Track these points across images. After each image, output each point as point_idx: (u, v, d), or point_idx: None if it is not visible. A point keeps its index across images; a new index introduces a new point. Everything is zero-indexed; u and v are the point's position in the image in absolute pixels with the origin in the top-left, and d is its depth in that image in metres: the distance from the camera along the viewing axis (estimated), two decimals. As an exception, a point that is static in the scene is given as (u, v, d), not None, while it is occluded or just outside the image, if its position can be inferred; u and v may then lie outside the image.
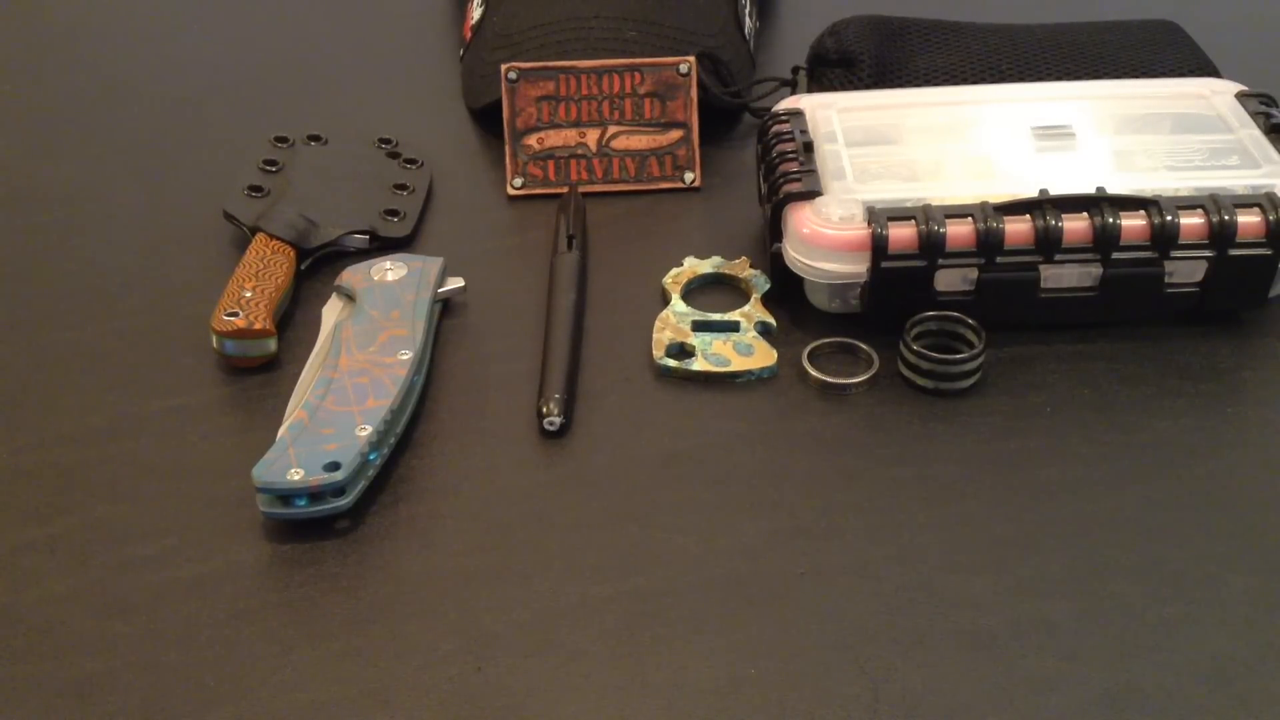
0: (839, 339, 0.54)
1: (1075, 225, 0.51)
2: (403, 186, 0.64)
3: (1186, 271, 0.52)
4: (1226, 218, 0.51)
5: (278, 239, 0.58)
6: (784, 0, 0.83)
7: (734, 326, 0.55)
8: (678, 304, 0.56)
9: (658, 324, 0.55)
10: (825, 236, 0.52)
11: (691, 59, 0.65)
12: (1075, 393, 0.51)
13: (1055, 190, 0.52)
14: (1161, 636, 0.42)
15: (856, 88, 0.65)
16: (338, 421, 0.47)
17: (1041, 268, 0.52)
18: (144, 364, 0.55)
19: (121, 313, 0.58)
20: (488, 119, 0.69)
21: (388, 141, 0.67)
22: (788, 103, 0.61)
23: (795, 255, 0.53)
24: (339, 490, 0.46)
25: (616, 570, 0.45)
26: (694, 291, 0.57)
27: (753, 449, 0.50)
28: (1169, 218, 0.51)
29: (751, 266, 0.58)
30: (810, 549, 0.45)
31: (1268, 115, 0.57)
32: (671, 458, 0.49)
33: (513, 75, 0.64)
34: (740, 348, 0.53)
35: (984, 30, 0.69)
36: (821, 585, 0.44)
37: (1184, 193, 0.52)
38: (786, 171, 0.55)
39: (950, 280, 0.52)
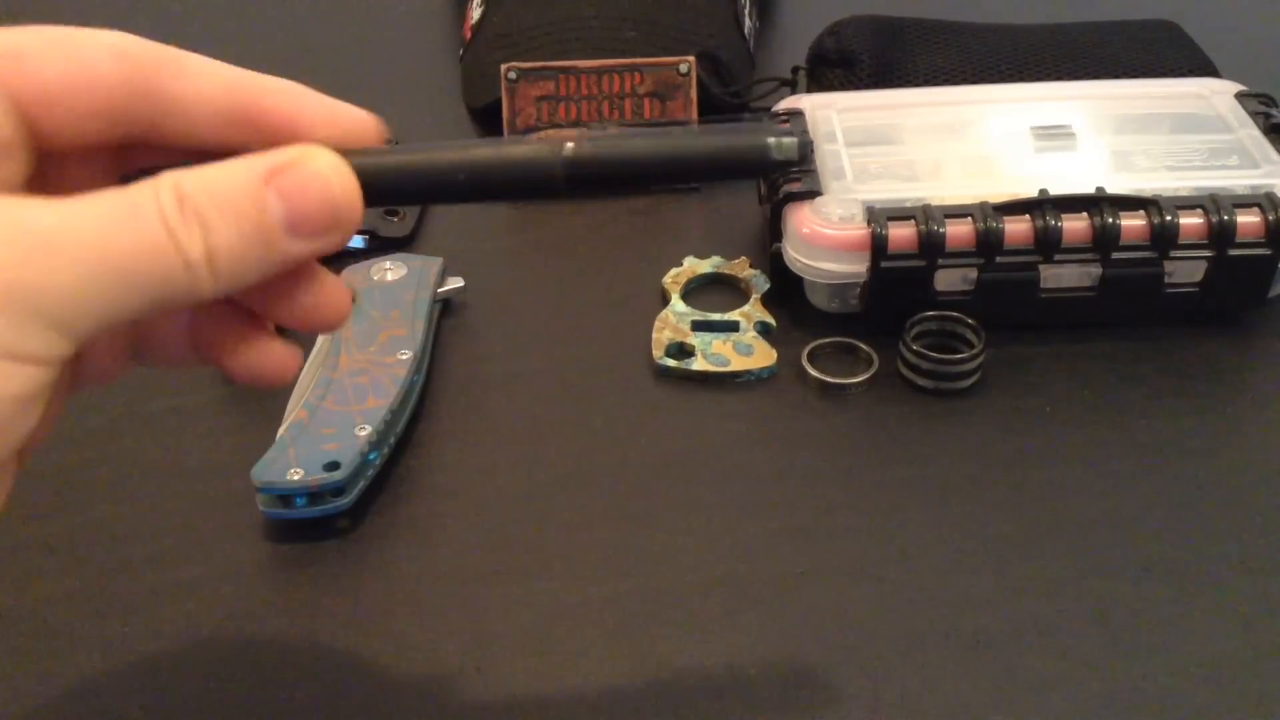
0: (839, 339, 0.54)
1: (1075, 225, 0.51)
2: (403, 186, 0.64)
3: (1186, 271, 0.52)
4: (1226, 218, 0.51)
5: (278, 239, 0.58)
6: (784, 0, 0.83)
7: (734, 326, 0.55)
8: (677, 304, 0.56)
9: (657, 324, 0.55)
10: (825, 236, 0.52)
11: (691, 59, 0.65)
12: (1075, 393, 0.51)
13: (1055, 190, 0.52)
14: (1161, 636, 0.42)
15: (856, 88, 0.65)
16: (338, 421, 0.47)
17: (1041, 268, 0.52)
18: (144, 364, 0.55)
19: (121, 313, 0.58)
20: (488, 119, 0.69)
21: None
22: (788, 103, 0.61)
23: (795, 255, 0.53)
24: (339, 490, 0.46)
25: (616, 570, 0.45)
26: (694, 291, 0.57)
27: (752, 449, 0.50)
28: (1169, 218, 0.51)
29: (751, 266, 0.58)
30: (810, 549, 0.45)
31: (1267, 115, 0.57)
32: (671, 458, 0.49)
33: (512, 75, 0.64)
34: (740, 347, 0.53)
35: (984, 30, 0.69)
36: (821, 585, 0.44)
37: (1184, 193, 0.52)
38: (786, 171, 0.55)
39: (950, 280, 0.52)
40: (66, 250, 0.25)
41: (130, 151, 0.31)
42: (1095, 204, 0.51)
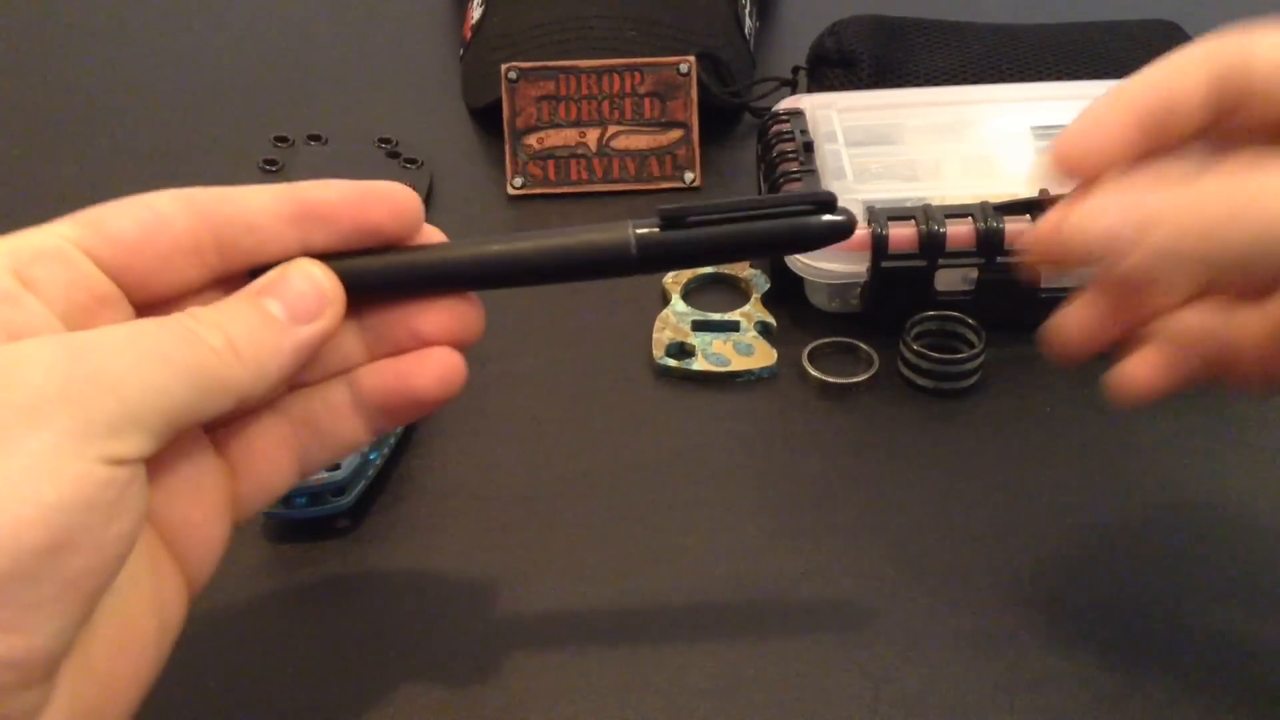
0: (839, 339, 0.54)
1: (1075, 225, 0.51)
2: (403, 186, 0.64)
3: (1186, 271, 0.52)
4: (1226, 218, 0.51)
5: (278, 239, 0.58)
6: (784, 0, 0.83)
7: (734, 326, 0.55)
8: (678, 304, 0.56)
9: (658, 324, 0.55)
10: (825, 236, 0.52)
11: (691, 59, 0.65)
12: (1075, 393, 0.51)
13: (1055, 190, 0.52)
14: (1163, 636, 0.42)
15: (856, 88, 0.65)
16: (338, 421, 0.47)
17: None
18: (144, 364, 0.54)
19: (121, 312, 0.58)
20: (488, 119, 0.69)
21: (388, 141, 0.67)
22: (788, 102, 0.61)
23: (795, 255, 0.53)
24: (339, 490, 0.46)
25: (616, 570, 0.45)
26: (694, 291, 0.57)
27: (753, 449, 0.50)
28: (1169, 218, 0.51)
29: (751, 266, 0.58)
30: (810, 549, 0.45)
31: (1268, 115, 0.57)
32: (671, 457, 0.49)
33: (513, 75, 0.64)
34: (740, 347, 0.53)
35: (984, 30, 0.69)
36: (821, 585, 0.44)
37: (1184, 193, 0.52)
38: (786, 171, 0.55)
39: (950, 280, 0.52)
40: (113, 347, 0.28)
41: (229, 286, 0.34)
42: (1095, 204, 0.51)
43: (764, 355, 0.53)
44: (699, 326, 0.55)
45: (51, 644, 0.27)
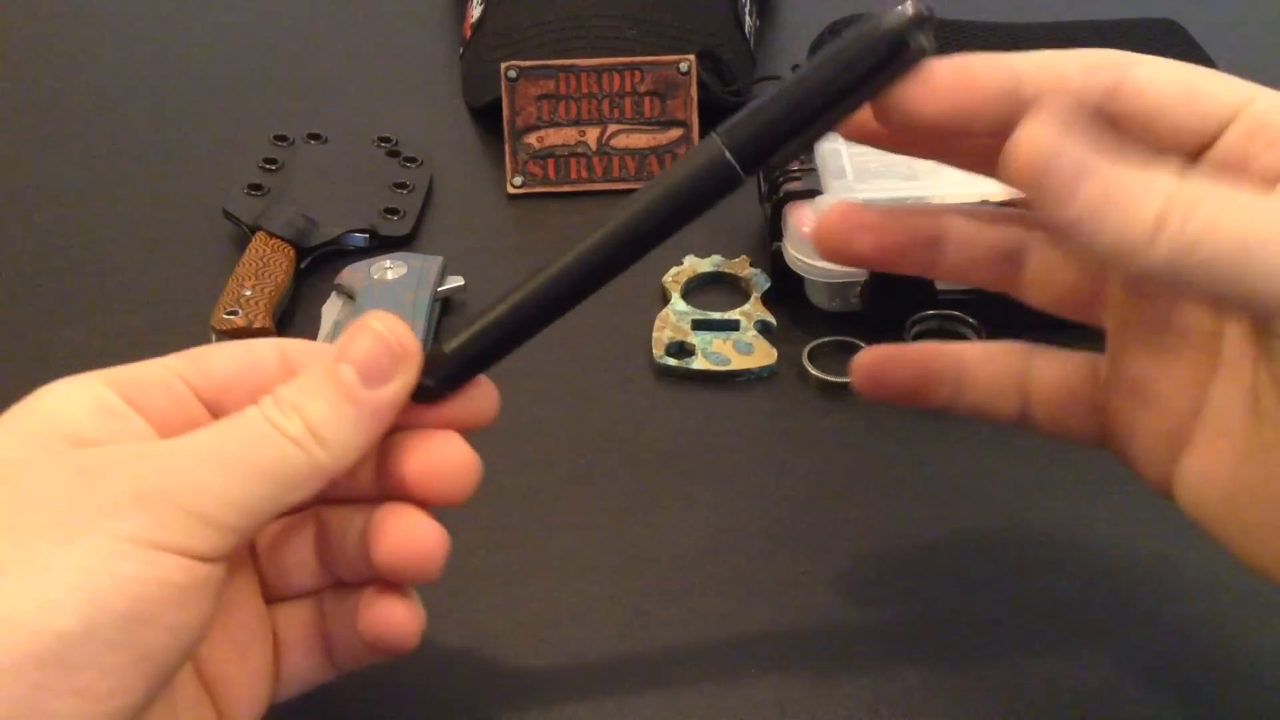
0: (839, 338, 0.54)
1: (1076, 224, 0.51)
2: (402, 185, 0.64)
3: (1187, 270, 0.52)
4: (1227, 217, 0.51)
5: (277, 237, 0.58)
6: (784, -1, 0.83)
7: (734, 325, 0.55)
8: (678, 303, 0.56)
9: (658, 323, 0.55)
10: (825, 235, 0.52)
11: (692, 57, 0.65)
12: (1075, 392, 0.51)
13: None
14: (1166, 634, 0.42)
15: (857, 86, 0.65)
16: (337, 421, 0.47)
17: (1042, 267, 0.52)
18: (144, 363, 0.54)
19: (121, 311, 0.58)
20: (488, 118, 0.69)
21: (387, 140, 0.67)
22: (788, 101, 0.61)
23: (795, 254, 0.53)
24: (339, 490, 0.46)
25: (616, 570, 0.45)
26: (694, 290, 0.57)
27: (753, 448, 0.50)
28: (1169, 217, 0.51)
29: (751, 265, 0.58)
30: (810, 549, 0.45)
31: (1268, 114, 0.57)
32: (672, 457, 0.49)
33: (512, 74, 0.64)
34: (740, 346, 0.53)
35: (985, 30, 0.69)
36: (821, 585, 0.44)
37: (1184, 192, 0.52)
38: (786, 170, 0.55)
39: (950, 279, 0.52)
40: (193, 458, 0.30)
41: None
42: (1096, 203, 0.51)
43: (764, 354, 0.53)
44: (699, 325, 0.55)
45: (115, 717, 0.28)
